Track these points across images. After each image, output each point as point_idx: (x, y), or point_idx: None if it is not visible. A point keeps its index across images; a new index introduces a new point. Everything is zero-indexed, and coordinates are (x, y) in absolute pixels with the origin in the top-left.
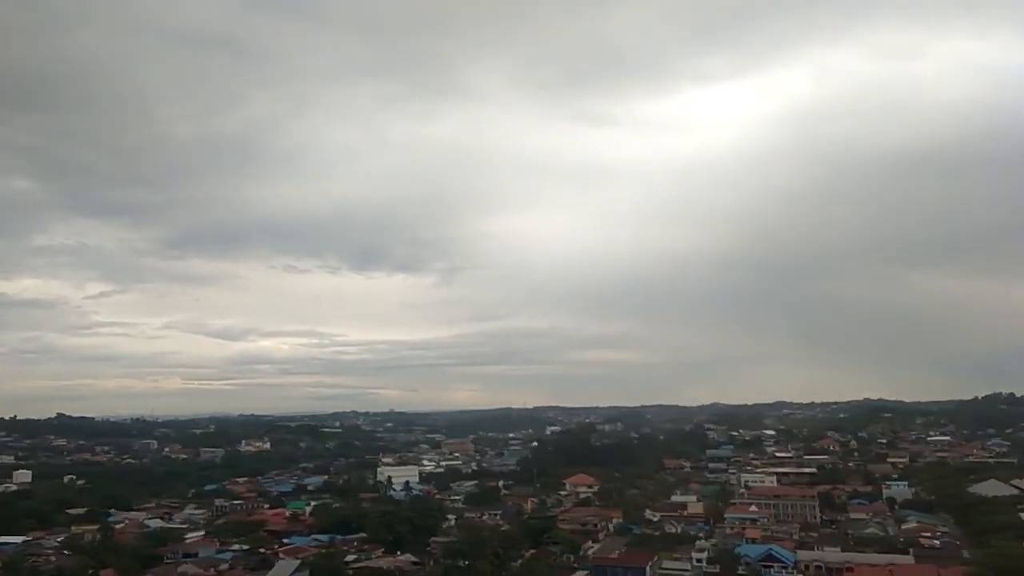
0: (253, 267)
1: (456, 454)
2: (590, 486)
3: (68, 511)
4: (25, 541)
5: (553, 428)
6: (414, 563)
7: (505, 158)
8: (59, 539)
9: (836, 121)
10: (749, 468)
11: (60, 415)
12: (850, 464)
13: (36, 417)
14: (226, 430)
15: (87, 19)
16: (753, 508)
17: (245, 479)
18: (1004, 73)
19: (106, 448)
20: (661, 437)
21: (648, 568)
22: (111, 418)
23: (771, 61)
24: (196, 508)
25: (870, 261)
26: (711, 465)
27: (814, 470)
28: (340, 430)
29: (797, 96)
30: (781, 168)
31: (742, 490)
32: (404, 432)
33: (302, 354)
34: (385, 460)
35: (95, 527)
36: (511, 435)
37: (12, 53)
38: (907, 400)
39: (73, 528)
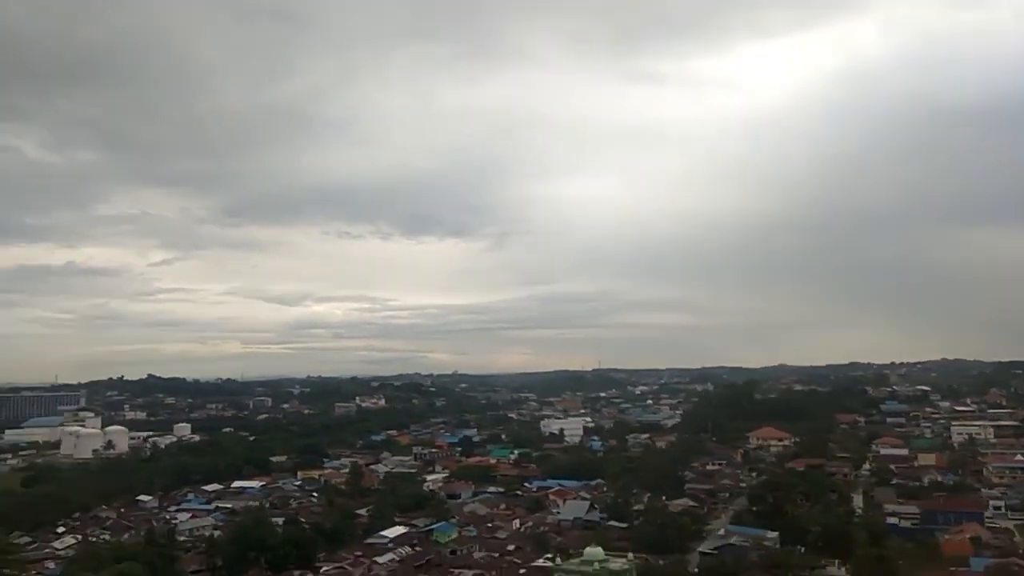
0: (307, 233)
1: (582, 411)
2: (780, 439)
3: (272, 459)
4: (263, 485)
5: (706, 387)
6: (692, 506)
7: (555, 120)
8: (295, 483)
9: (901, 76)
10: (958, 421)
11: (151, 376)
12: None
13: (130, 377)
14: (322, 389)
15: None
16: (1019, 456)
17: (396, 432)
18: None
19: (220, 405)
20: (802, 392)
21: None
22: (200, 379)
23: (834, 13)
24: (390, 456)
25: (931, 220)
26: (888, 420)
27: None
28: (434, 389)
29: (860, 50)
30: (841, 127)
31: (957, 442)
32: (487, 391)
33: (355, 318)
34: (543, 414)
35: (318, 472)
36: (603, 393)
37: (74, 30)
38: (985, 360)
39: (300, 473)
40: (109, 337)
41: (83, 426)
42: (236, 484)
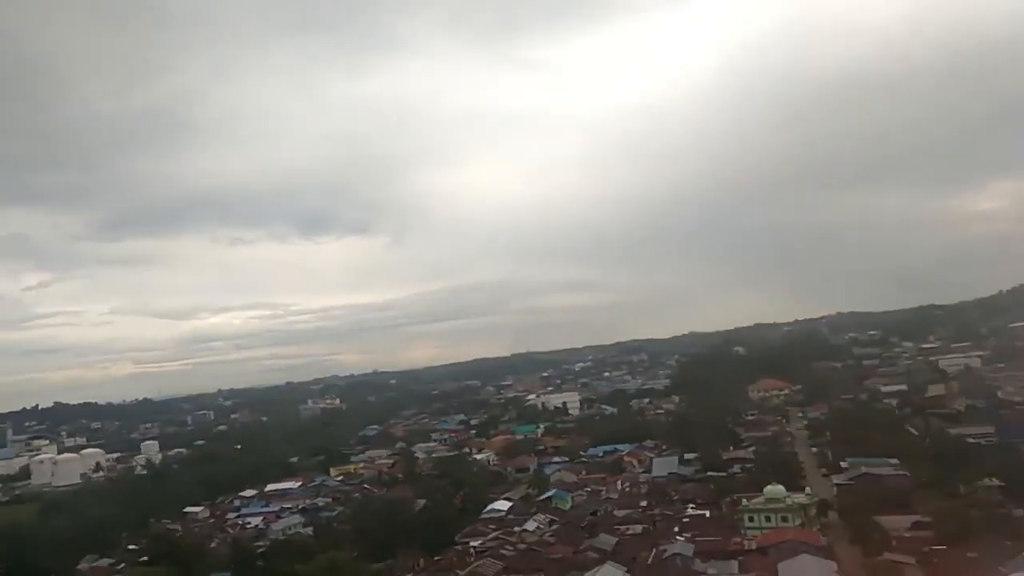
0: (195, 242)
1: (549, 389)
2: (780, 389)
3: (291, 461)
4: (302, 485)
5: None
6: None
7: (447, 111)
8: (335, 479)
9: (775, 48)
10: (936, 356)
11: (57, 403)
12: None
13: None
14: (260, 398)
15: None
16: None
17: (379, 426)
18: None
19: (151, 424)
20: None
21: None
22: (113, 402)
23: None
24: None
25: (815, 183)
26: (865, 363)
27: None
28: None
29: (735, 21)
30: (727, 101)
31: (953, 373)
32: (426, 384)
33: (256, 327)
34: (531, 392)
35: (351, 467)
36: (545, 374)
37: None
38: (876, 310)
39: (332, 471)
40: None
41: (38, 454)
42: (271, 487)
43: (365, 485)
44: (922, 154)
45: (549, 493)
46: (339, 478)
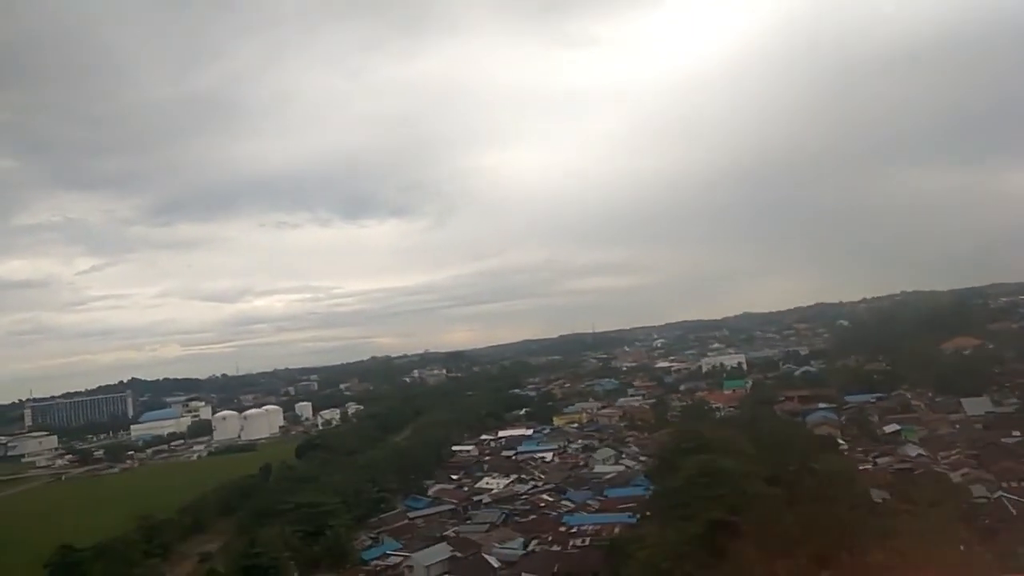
0: (243, 227)
1: (672, 359)
2: (975, 346)
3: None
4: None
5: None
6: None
7: (492, 91)
8: (572, 427)
9: (827, 22)
10: None
11: (134, 379)
12: None
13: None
14: (348, 372)
15: None
16: None
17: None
18: None
19: (260, 394)
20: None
21: None
22: (189, 377)
23: None
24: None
25: (854, 163)
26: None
27: None
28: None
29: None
30: (776, 77)
31: None
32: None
33: (298, 310)
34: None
35: (575, 416)
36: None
37: None
38: (942, 290)
39: (555, 419)
40: (39, 351)
41: (197, 416)
42: (508, 432)
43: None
44: (973, 130)
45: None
46: (574, 425)
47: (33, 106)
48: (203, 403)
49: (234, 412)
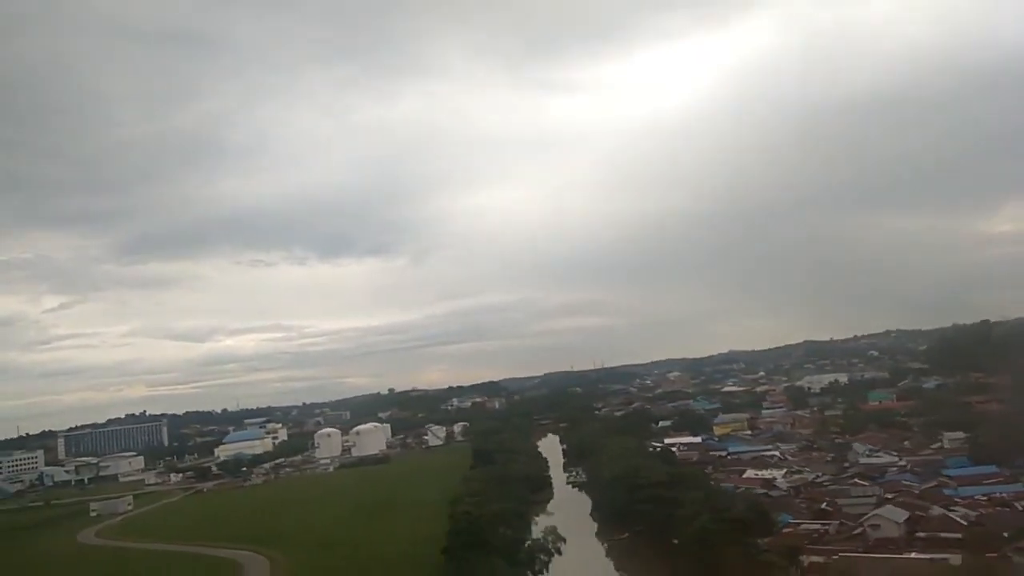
0: (217, 265)
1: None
2: None
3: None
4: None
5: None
6: None
7: (470, 133)
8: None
9: (795, 71)
10: None
11: (129, 415)
12: None
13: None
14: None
15: (35, 23)
16: None
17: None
18: (952, 15)
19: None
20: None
21: None
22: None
23: (733, 12)
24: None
25: (826, 206)
26: None
27: None
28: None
29: (758, 47)
30: (740, 122)
31: None
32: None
33: (269, 349)
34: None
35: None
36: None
37: None
38: (926, 328)
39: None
40: (1, 391)
41: (275, 437)
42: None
43: None
44: (943, 175)
45: None
46: (746, 432)
47: (6, 143)
48: (280, 425)
49: (335, 430)
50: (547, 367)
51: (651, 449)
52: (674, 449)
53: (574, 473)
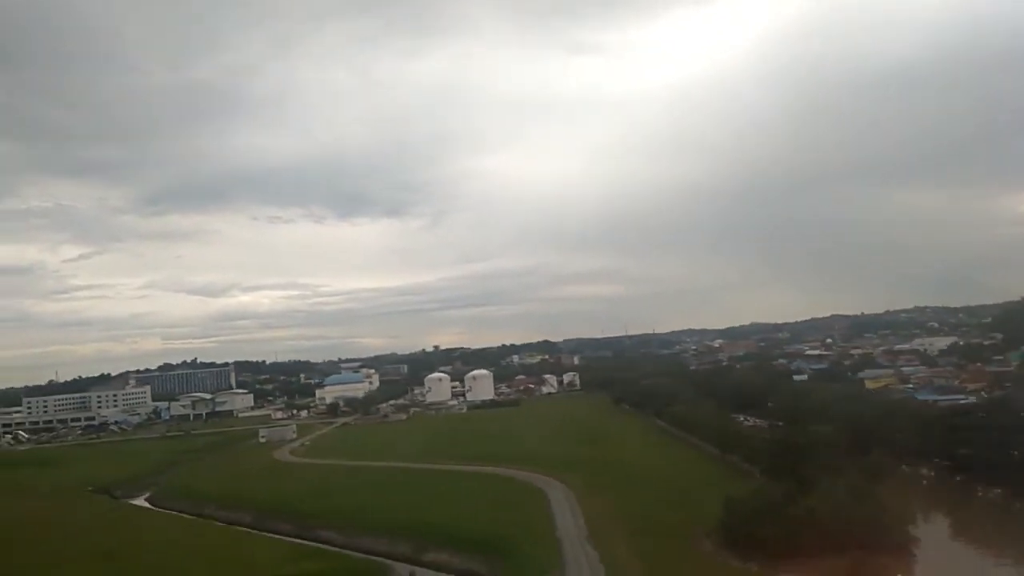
0: (235, 220)
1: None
2: None
3: None
4: None
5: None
6: None
7: (493, 94)
8: None
9: (826, 38)
10: None
11: (166, 364)
12: None
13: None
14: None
15: None
16: None
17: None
18: None
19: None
20: None
21: None
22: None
23: None
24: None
25: (849, 180)
26: None
27: None
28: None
29: (792, 13)
30: (768, 91)
31: None
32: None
33: (283, 307)
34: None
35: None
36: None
37: None
38: (956, 306)
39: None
40: (17, 340)
41: (371, 383)
42: None
43: None
44: (969, 151)
45: None
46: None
47: (31, 90)
48: (373, 371)
49: (444, 375)
50: (565, 333)
51: None
52: None
53: None
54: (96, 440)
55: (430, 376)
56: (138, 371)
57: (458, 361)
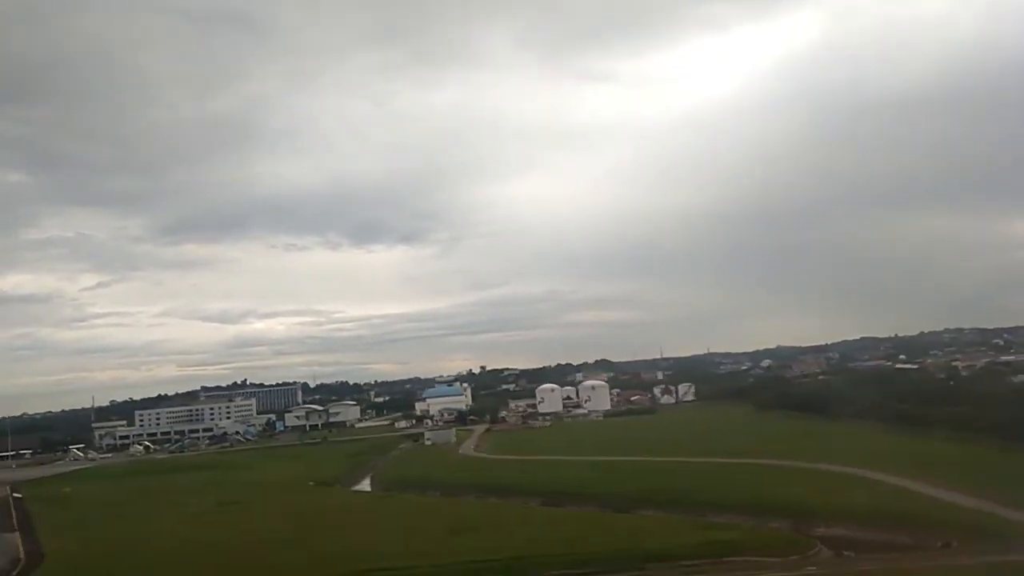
0: (252, 248)
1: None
2: None
3: None
4: None
5: None
6: None
7: (508, 122)
8: None
9: (841, 65)
10: None
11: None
12: None
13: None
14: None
15: (85, 6)
16: None
17: None
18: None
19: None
20: None
21: None
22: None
23: (784, 4)
24: None
25: (860, 204)
26: None
27: None
28: None
29: (805, 41)
30: (783, 117)
31: None
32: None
33: (297, 333)
34: None
35: None
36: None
37: (8, 44)
38: (989, 327)
39: None
40: (34, 368)
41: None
42: None
43: None
44: (985, 173)
45: None
46: None
47: (54, 123)
48: (466, 385)
49: (554, 386)
50: (583, 358)
51: None
52: None
53: None
54: (232, 449)
55: (542, 387)
56: (205, 388)
57: (522, 379)
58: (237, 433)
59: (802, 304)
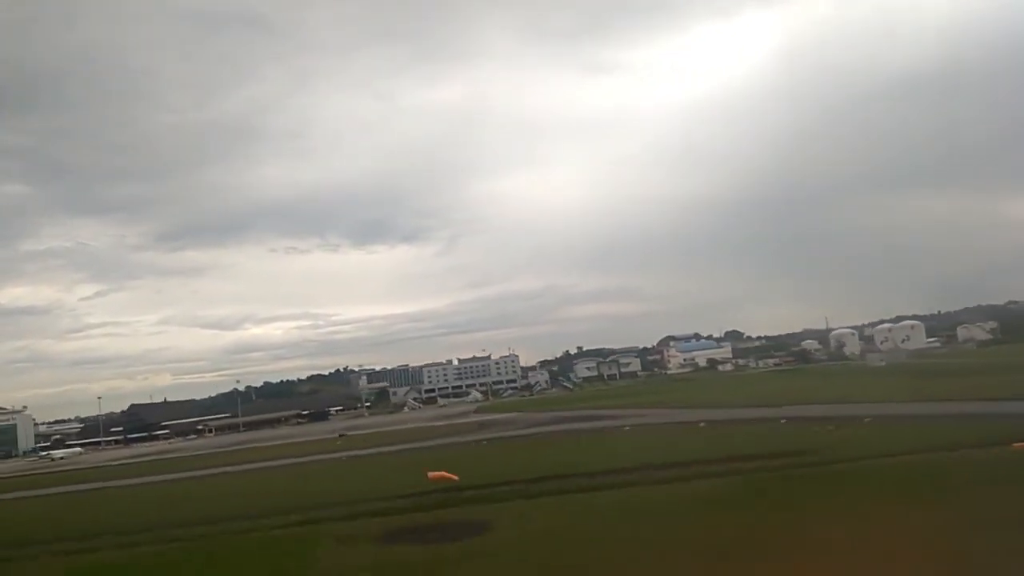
0: (252, 252)
1: None
2: None
3: None
4: None
5: None
6: None
7: (511, 116)
8: None
9: (847, 49)
10: None
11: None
12: None
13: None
14: None
15: (89, 11)
16: None
17: None
18: None
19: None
20: None
21: None
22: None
23: None
24: None
25: (864, 188)
26: None
27: None
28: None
29: (812, 26)
30: (788, 103)
31: None
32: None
33: (295, 337)
34: None
35: None
36: None
37: (6, 52)
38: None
39: None
40: (31, 380)
41: None
42: None
43: None
44: (983, 155)
45: None
46: None
47: (54, 132)
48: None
49: None
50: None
51: None
52: None
53: None
54: None
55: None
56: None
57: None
58: None
59: (806, 290)
